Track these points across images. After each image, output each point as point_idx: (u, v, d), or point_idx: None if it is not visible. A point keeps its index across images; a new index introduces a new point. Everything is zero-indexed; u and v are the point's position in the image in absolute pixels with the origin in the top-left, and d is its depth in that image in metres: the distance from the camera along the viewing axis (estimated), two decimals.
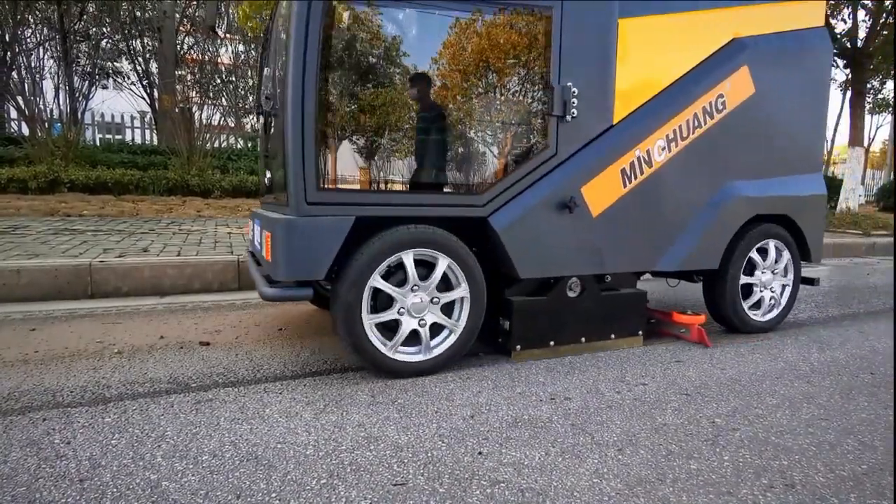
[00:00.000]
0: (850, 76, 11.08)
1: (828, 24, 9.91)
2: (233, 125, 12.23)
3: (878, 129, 24.82)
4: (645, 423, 1.90)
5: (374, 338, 2.22)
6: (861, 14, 10.05)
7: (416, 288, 2.26)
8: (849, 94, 11.85)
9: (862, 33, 9.88)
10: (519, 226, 2.39)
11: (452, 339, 2.36)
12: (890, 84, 14.39)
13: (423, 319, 2.29)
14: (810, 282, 3.36)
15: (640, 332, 2.82)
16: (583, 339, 2.68)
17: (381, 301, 2.26)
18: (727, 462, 1.64)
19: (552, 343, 2.60)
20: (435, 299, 2.30)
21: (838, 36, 10.04)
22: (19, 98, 10.66)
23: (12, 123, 11.18)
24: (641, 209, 2.67)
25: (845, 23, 10.48)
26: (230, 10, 12.36)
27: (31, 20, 10.78)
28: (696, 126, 2.75)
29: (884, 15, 9.36)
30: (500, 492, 1.44)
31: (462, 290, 2.35)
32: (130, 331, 2.83)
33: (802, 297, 4.23)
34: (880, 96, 16.65)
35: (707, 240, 2.84)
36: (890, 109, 16.46)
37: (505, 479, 1.51)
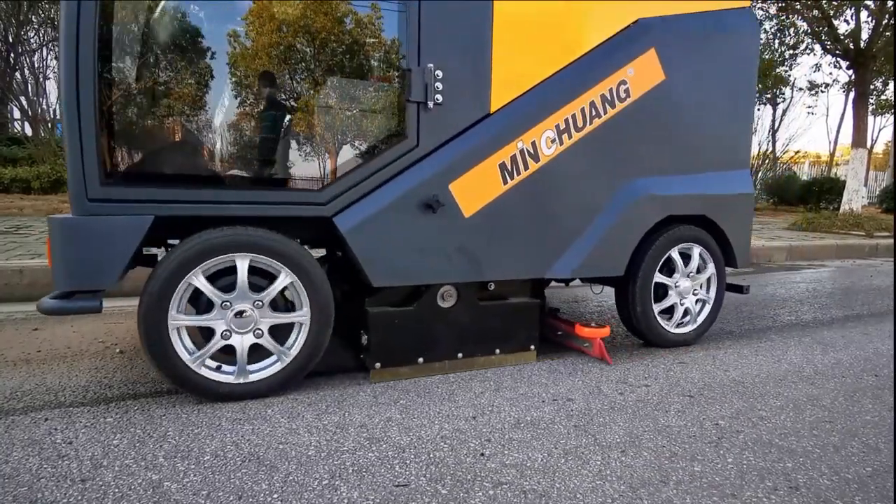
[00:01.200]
0: (853, 77, 11.05)
1: (830, 24, 9.90)
2: None
3: (880, 130, 24.78)
4: (648, 424, 1.89)
5: (179, 345, 1.90)
6: (864, 15, 10.03)
7: (227, 304, 1.93)
8: (852, 95, 11.83)
9: (865, 34, 9.86)
10: (371, 227, 2.09)
11: (277, 367, 2.02)
12: (892, 85, 14.35)
13: (243, 334, 1.97)
14: (738, 289, 3.03)
15: (533, 347, 2.52)
16: (459, 355, 2.37)
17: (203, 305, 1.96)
18: (731, 464, 1.63)
19: (421, 360, 2.30)
20: (257, 331, 1.99)
21: (841, 37, 10.01)
22: (22, 98, 10.71)
23: (15, 124, 11.22)
24: (527, 209, 2.36)
25: (848, 24, 10.46)
26: None
27: (35, 21, 10.81)
28: (594, 116, 2.44)
29: (886, 16, 9.34)
30: (502, 493, 1.44)
31: (301, 315, 2.03)
32: (132, 330, 2.83)
33: (805, 299, 4.21)
34: (883, 97, 16.61)
35: (609, 243, 2.54)
36: (893, 111, 16.42)
37: (507, 481, 1.50)
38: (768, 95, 14.95)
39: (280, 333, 2.05)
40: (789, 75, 14.19)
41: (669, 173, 2.67)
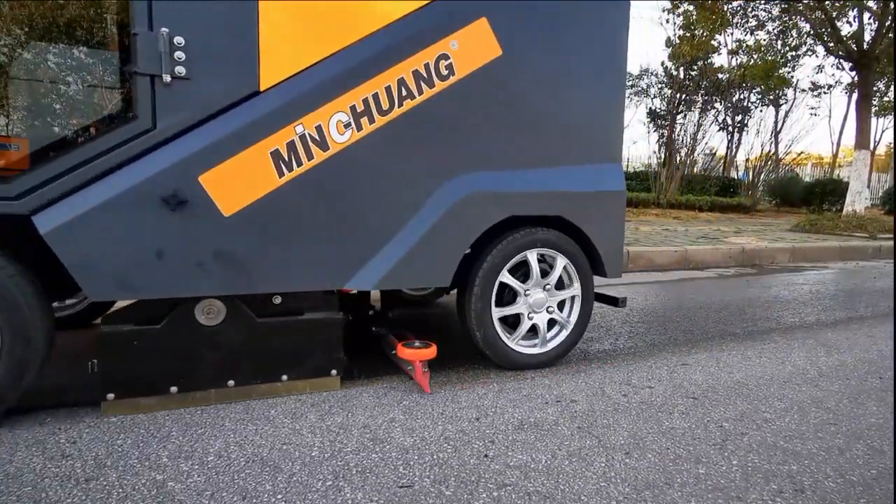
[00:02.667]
0: (856, 79, 11.03)
1: (833, 26, 9.89)
2: None
3: (883, 131, 24.73)
4: (652, 426, 1.89)
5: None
6: (867, 17, 10.01)
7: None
8: (855, 96, 11.81)
9: (868, 36, 9.85)
10: (85, 227, 1.68)
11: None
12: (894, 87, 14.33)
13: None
14: (613, 301, 2.65)
15: (335, 372, 2.12)
16: (231, 383, 1.97)
17: None
18: (736, 467, 1.63)
19: (174, 389, 1.90)
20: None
21: (844, 38, 10.00)
22: None
23: None
24: (314, 208, 1.97)
25: (850, 25, 10.45)
26: None
27: None
28: (405, 97, 2.04)
29: (889, 18, 9.32)
30: (506, 495, 1.43)
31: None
32: None
33: (808, 301, 4.20)
34: (886, 99, 16.59)
35: (429, 249, 2.14)
36: (894, 112, 16.40)
37: (511, 482, 1.50)
38: (771, 97, 14.94)
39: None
40: (792, 76, 14.18)
41: (512, 167, 2.27)
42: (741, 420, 1.96)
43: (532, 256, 2.37)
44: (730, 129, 15.04)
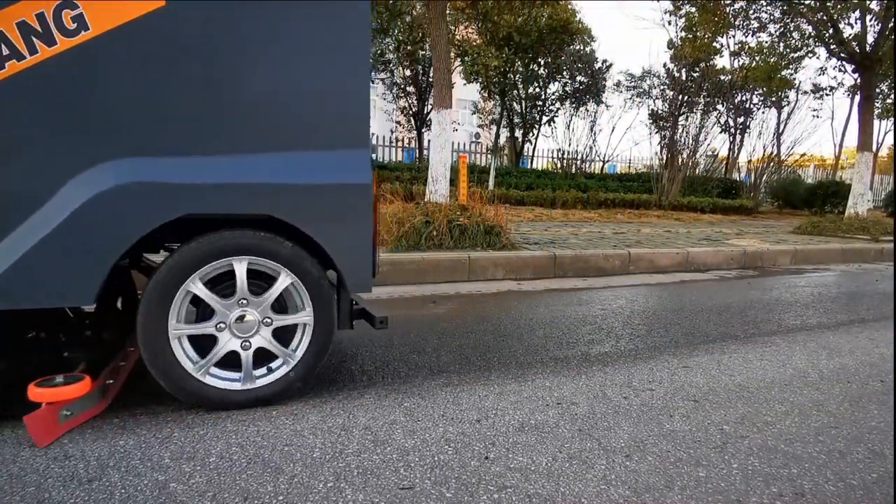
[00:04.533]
0: (858, 81, 11.02)
1: (835, 27, 9.87)
2: None
3: (886, 133, 24.67)
4: (653, 429, 1.89)
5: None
6: (869, 18, 9.99)
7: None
8: (857, 98, 11.79)
9: (870, 38, 9.83)
10: None
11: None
12: None
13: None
14: (370, 319, 2.21)
15: None
16: None
17: None
18: (736, 470, 1.63)
19: None
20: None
21: (847, 40, 9.98)
22: None
23: None
24: None
25: (852, 27, 10.43)
26: None
27: None
28: (7, 57, 1.60)
29: (892, 20, 9.31)
30: (507, 497, 1.44)
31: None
32: None
33: (810, 303, 4.19)
34: (889, 101, 16.55)
35: (56, 257, 1.66)
36: (894, 115, 16.38)
37: (512, 485, 1.50)
38: (773, 99, 14.91)
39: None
40: (794, 78, 14.16)
41: (187, 151, 1.80)
42: (742, 423, 1.96)
43: (240, 266, 1.86)
44: (732, 130, 15.01)
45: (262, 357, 1.98)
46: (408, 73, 14.41)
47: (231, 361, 1.93)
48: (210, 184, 1.81)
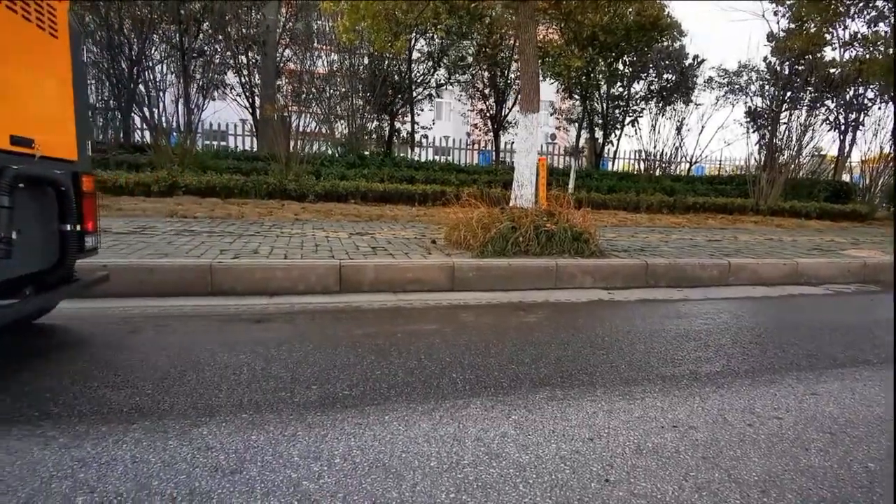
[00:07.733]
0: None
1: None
2: (326, 132, 12.87)
3: None
4: (787, 462, 1.74)
5: None
6: None
7: None
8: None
9: None
10: None
11: None
12: None
13: None
14: None
15: None
16: None
17: None
18: None
19: None
20: None
21: None
22: (145, 109, 11.89)
23: (137, 133, 12.47)
24: None
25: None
26: (328, 23, 13.02)
27: (156, 38, 11.98)
28: None
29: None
30: None
31: None
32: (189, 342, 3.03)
33: None
34: None
35: None
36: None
37: None
38: (893, 93, 13.40)
39: None
40: None
41: None
42: (888, 460, 1.76)
43: None
44: (842, 128, 13.65)
45: None
46: (486, 75, 14.42)
47: None
48: None
